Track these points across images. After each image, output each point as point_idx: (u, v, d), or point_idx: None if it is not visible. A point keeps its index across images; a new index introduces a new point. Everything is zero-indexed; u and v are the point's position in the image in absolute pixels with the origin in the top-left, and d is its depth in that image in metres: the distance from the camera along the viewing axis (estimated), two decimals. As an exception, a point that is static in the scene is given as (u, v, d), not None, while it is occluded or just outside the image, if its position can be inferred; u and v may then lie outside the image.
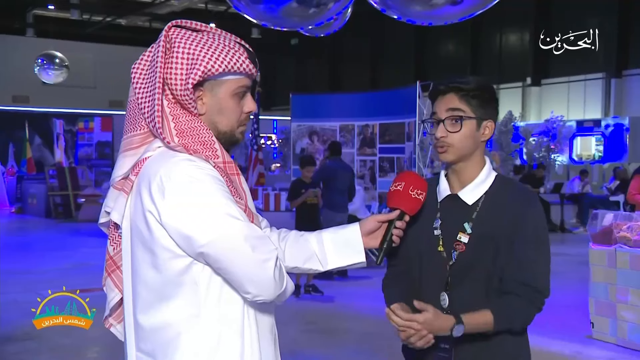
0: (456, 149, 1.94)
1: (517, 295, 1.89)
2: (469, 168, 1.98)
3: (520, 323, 1.93)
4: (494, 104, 1.98)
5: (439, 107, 1.96)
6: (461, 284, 1.93)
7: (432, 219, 2.00)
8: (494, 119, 1.98)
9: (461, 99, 1.92)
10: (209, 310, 1.66)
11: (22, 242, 12.53)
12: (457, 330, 1.83)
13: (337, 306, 7.36)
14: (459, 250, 1.94)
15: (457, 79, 1.94)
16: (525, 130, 21.13)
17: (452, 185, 2.01)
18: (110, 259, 1.83)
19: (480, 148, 1.99)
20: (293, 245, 1.89)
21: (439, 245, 1.97)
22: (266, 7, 3.86)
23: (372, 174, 11.42)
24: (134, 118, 1.75)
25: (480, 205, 1.95)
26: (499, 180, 2.00)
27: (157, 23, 24.72)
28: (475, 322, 1.86)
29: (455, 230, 1.95)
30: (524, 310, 1.90)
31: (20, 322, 6.30)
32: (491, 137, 1.99)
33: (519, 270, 1.89)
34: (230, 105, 1.74)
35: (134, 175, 1.71)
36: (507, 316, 1.88)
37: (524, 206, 1.93)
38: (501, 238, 1.91)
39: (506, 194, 1.96)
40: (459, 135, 1.92)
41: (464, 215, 1.96)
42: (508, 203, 1.94)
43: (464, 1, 3.51)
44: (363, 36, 26.16)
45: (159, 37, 1.71)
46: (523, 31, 23.67)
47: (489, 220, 1.93)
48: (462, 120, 1.92)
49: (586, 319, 6.10)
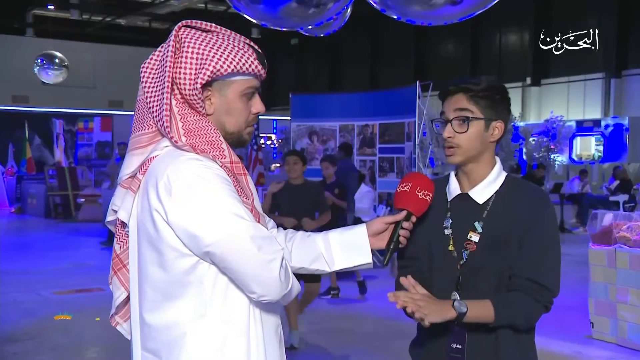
0: (464, 150, 1.93)
1: (523, 291, 1.89)
2: (479, 168, 1.97)
3: (525, 320, 1.91)
4: (504, 104, 1.96)
5: (447, 107, 1.95)
6: (472, 283, 1.93)
7: (442, 218, 1.99)
8: (504, 119, 1.96)
9: (469, 99, 1.91)
10: (215, 310, 1.67)
11: (21, 242, 12.53)
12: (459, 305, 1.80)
13: (337, 306, 7.36)
14: (469, 250, 1.93)
15: (467, 79, 1.93)
16: (525, 130, 21.11)
17: (462, 184, 2.01)
18: (117, 257, 1.83)
19: (490, 148, 1.97)
20: (300, 245, 1.89)
21: (449, 244, 1.96)
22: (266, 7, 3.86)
23: (372, 174, 11.43)
24: (142, 117, 1.76)
25: (491, 204, 1.95)
26: (510, 180, 2.00)
27: (157, 23, 24.73)
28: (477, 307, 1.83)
29: (465, 229, 1.95)
30: (528, 307, 1.89)
31: (20, 322, 6.30)
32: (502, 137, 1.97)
33: (528, 267, 1.89)
34: (239, 105, 1.75)
35: (142, 174, 1.71)
36: (510, 311, 1.87)
37: (540, 207, 1.93)
38: (513, 237, 1.90)
39: (518, 193, 1.95)
40: (466, 135, 1.91)
41: (474, 214, 1.95)
42: (521, 203, 1.93)
43: (464, 1, 3.51)
44: (363, 36, 26.16)
45: (169, 36, 1.72)
46: (523, 31, 23.66)
47: (501, 220, 1.93)
48: (469, 120, 1.91)
49: (586, 319, 6.11)
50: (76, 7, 21.58)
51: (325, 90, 25.97)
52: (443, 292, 1.93)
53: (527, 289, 1.89)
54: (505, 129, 1.98)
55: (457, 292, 1.93)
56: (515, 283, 1.90)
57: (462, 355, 1.91)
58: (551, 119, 21.04)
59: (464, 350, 1.91)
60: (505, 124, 1.97)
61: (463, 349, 1.91)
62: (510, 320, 1.89)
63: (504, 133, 1.97)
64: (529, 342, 1.98)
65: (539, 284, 1.89)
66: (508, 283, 1.91)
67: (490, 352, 1.92)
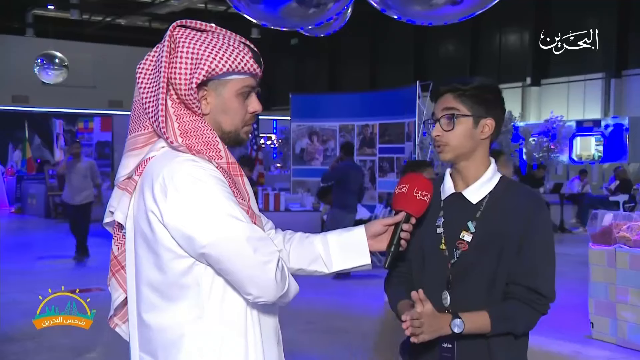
0: (452, 147, 1.95)
1: (521, 300, 1.90)
2: (472, 167, 1.98)
3: (523, 327, 1.93)
4: (496, 102, 1.98)
5: (437, 108, 1.99)
6: (463, 283, 1.93)
7: (434, 217, 2.00)
8: (495, 117, 1.97)
9: (456, 98, 1.94)
10: (212, 311, 1.66)
11: (22, 242, 12.53)
12: (455, 324, 1.83)
13: (337, 306, 7.35)
14: (461, 249, 1.94)
15: (455, 80, 1.97)
16: (525, 130, 21.12)
17: (457, 184, 2.01)
18: (115, 259, 1.83)
19: (482, 147, 1.98)
20: (298, 247, 1.89)
21: (441, 243, 1.97)
22: (266, 7, 3.86)
23: (372, 174, 11.43)
24: (138, 118, 1.75)
25: (485, 205, 1.96)
26: (504, 181, 2.00)
27: (157, 23, 24.72)
28: (474, 320, 1.86)
29: (458, 228, 1.95)
30: (527, 315, 1.91)
31: (20, 322, 6.30)
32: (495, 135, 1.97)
33: (528, 276, 1.90)
34: (235, 105, 1.74)
35: (138, 175, 1.71)
36: (507, 322, 1.89)
37: (535, 210, 1.93)
38: (507, 239, 1.91)
39: (513, 195, 1.96)
40: (454, 133, 1.94)
41: (467, 214, 1.96)
42: (516, 205, 1.94)
43: (464, 1, 3.50)
44: (363, 36, 26.15)
45: (164, 37, 1.71)
46: (523, 31, 23.66)
47: (494, 220, 1.93)
48: (455, 118, 1.93)
49: (586, 319, 6.10)
50: (76, 7, 21.54)
51: (325, 90, 25.99)
52: (433, 291, 1.93)
53: (525, 298, 1.90)
54: (499, 127, 1.98)
55: (448, 292, 1.93)
56: (513, 291, 1.91)
57: (453, 354, 1.92)
58: (551, 119, 21.05)
59: (454, 349, 1.91)
60: (498, 122, 1.98)
61: (453, 348, 1.92)
62: (507, 330, 1.90)
63: (497, 131, 1.97)
64: (521, 342, 1.99)
65: (537, 293, 1.90)
66: (505, 290, 1.91)
67: (481, 351, 1.93)
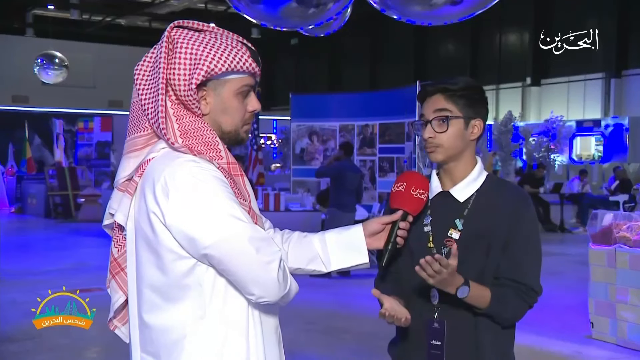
0: (445, 148, 1.96)
1: (512, 289, 1.93)
2: (460, 167, 2.00)
3: (512, 313, 1.95)
4: (482, 103, 2.00)
5: (427, 109, 1.99)
6: None
7: (422, 215, 2.01)
8: (482, 117, 2.00)
9: (447, 99, 1.95)
10: (214, 311, 1.66)
11: (22, 242, 12.52)
12: (462, 291, 1.84)
13: (337, 306, 7.35)
14: (449, 247, 1.95)
15: (444, 80, 1.97)
16: (525, 130, 21.14)
17: (444, 182, 2.03)
18: (115, 261, 1.83)
19: (471, 147, 2.00)
20: (296, 246, 1.89)
21: (429, 241, 1.99)
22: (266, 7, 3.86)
23: (372, 174, 11.43)
24: (137, 119, 1.75)
25: (472, 202, 1.98)
26: (491, 179, 2.03)
27: (157, 23, 24.74)
28: (478, 294, 1.88)
29: (446, 226, 1.97)
30: (516, 305, 1.94)
31: (20, 322, 6.30)
32: (481, 135, 2.01)
33: (513, 270, 1.93)
34: (234, 104, 1.74)
35: (138, 176, 1.70)
36: (501, 305, 1.91)
37: (522, 207, 1.96)
38: (494, 235, 1.93)
39: (500, 193, 1.98)
40: (447, 135, 1.95)
41: (455, 212, 1.98)
42: (503, 202, 1.96)
43: (464, 1, 3.51)
44: (363, 36, 26.16)
45: (162, 37, 1.71)
46: (523, 31, 23.67)
47: (482, 218, 1.95)
48: (449, 120, 1.94)
49: (586, 319, 6.10)
50: (76, 7, 21.55)
51: (325, 90, 25.99)
52: (422, 288, 1.95)
53: (516, 289, 1.93)
54: (484, 127, 2.02)
55: (436, 289, 1.93)
56: (503, 285, 1.93)
57: (442, 351, 1.93)
58: (551, 119, 21.07)
59: (444, 346, 1.93)
60: (484, 123, 2.01)
61: (442, 345, 1.93)
62: (498, 313, 1.92)
63: (482, 131, 2.01)
64: (508, 337, 2.01)
65: (525, 285, 1.93)
66: (493, 283, 1.94)
67: (469, 347, 1.95)
